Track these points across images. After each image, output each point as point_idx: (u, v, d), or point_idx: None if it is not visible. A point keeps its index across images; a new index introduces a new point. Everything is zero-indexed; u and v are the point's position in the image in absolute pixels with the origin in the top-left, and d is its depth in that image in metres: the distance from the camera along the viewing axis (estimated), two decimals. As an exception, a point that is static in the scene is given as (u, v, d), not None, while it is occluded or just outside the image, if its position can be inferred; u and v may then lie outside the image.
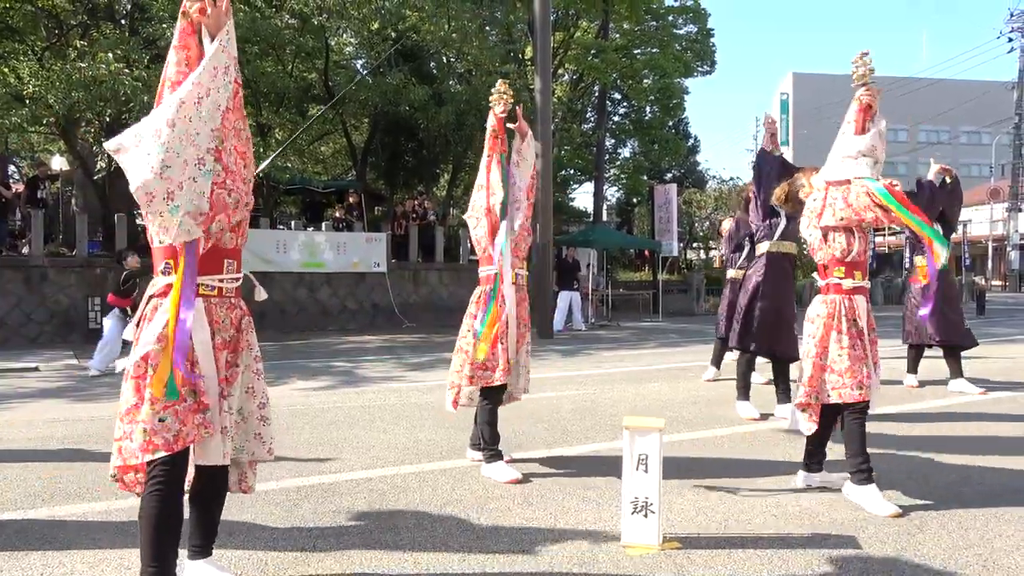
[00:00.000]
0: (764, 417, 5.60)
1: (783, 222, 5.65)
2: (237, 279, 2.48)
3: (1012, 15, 31.67)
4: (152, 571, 2.29)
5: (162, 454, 2.25)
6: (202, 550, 2.61)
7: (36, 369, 9.13)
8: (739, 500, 3.69)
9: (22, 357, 10.06)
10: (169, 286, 2.31)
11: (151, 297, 2.37)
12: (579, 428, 5.36)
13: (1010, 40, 32.50)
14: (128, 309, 8.67)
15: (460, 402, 4.20)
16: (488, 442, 4.12)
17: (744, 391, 5.86)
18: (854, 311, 3.68)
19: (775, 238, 5.69)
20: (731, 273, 7.44)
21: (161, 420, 2.25)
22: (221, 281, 2.40)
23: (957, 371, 6.97)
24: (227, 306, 2.44)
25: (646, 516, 3.05)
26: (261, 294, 2.66)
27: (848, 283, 3.70)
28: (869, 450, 3.63)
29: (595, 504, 3.61)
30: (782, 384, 5.77)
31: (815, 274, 3.97)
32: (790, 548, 3.05)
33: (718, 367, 7.74)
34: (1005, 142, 37.05)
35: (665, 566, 2.87)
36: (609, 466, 4.14)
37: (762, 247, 5.82)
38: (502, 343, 4.09)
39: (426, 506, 3.61)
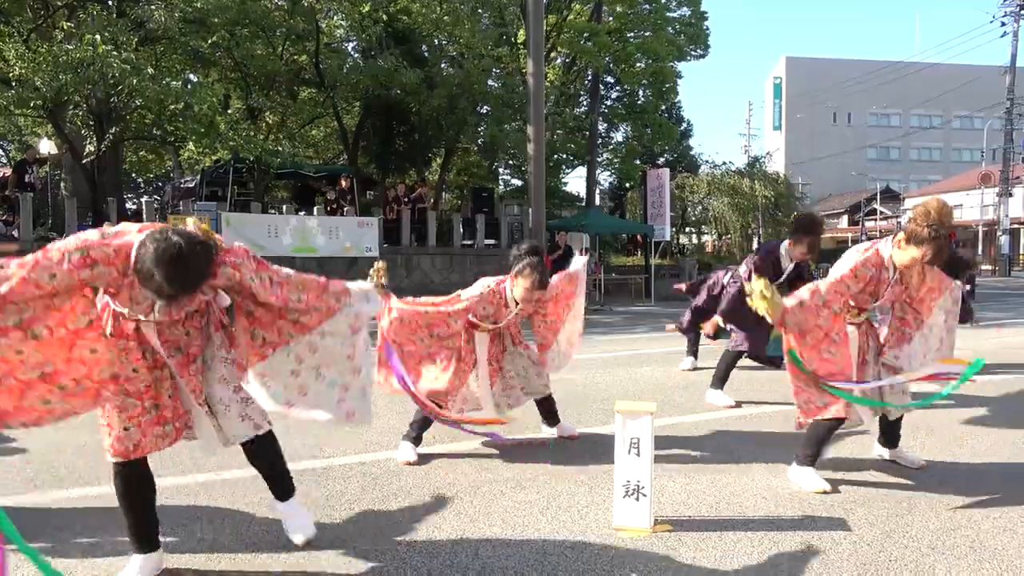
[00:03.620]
0: (738, 404, 5.61)
1: (782, 277, 5.54)
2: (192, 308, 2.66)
3: (1005, -1, 31.61)
4: (132, 529, 2.61)
5: (120, 460, 2.51)
6: (281, 495, 2.93)
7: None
8: (730, 483, 3.71)
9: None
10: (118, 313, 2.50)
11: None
12: (571, 412, 5.37)
13: (1003, 24, 32.44)
14: None
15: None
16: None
17: (721, 382, 5.79)
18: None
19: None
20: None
21: (126, 429, 2.49)
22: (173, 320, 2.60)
23: None
24: (180, 323, 2.61)
25: (638, 499, 3.07)
26: (224, 300, 2.76)
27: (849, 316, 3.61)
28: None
29: (587, 488, 3.63)
30: None
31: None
32: (781, 530, 3.08)
33: (695, 356, 7.60)
34: (997, 127, 37.13)
35: (656, 549, 2.89)
36: (601, 450, 4.16)
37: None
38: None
39: (419, 490, 3.62)
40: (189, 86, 14.70)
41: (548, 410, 4.59)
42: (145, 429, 2.52)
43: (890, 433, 3.99)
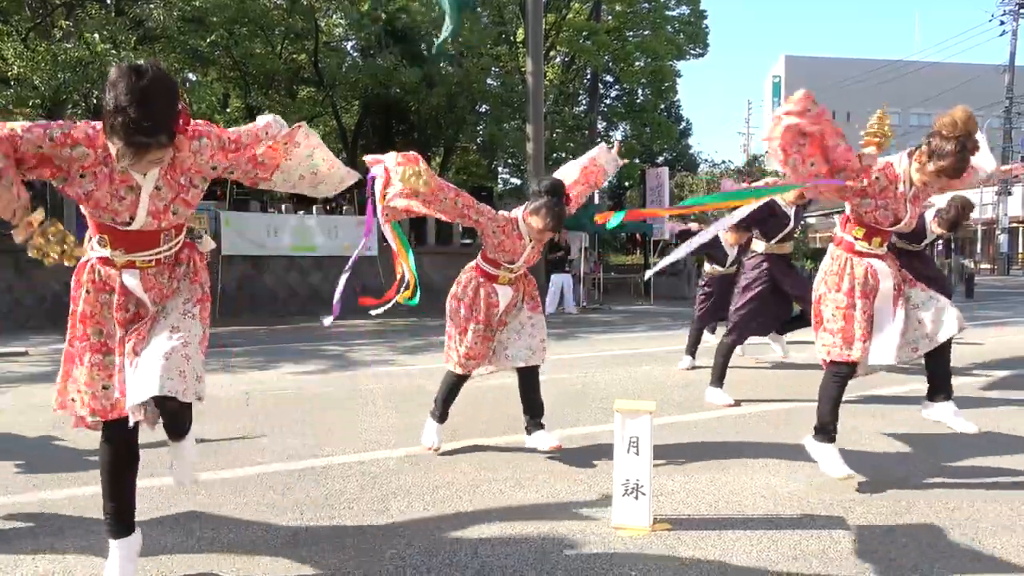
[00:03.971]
0: (737, 403, 5.61)
1: (791, 223, 5.69)
2: (176, 243, 2.54)
3: (1004, -2, 31.64)
4: (111, 507, 2.52)
5: (100, 421, 2.45)
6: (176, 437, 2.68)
7: (25, 354, 9.07)
8: (729, 482, 3.71)
9: (10, 342, 9.99)
10: (103, 259, 2.49)
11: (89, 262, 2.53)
12: (570, 411, 5.37)
13: (1002, 23, 32.50)
14: None
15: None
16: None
17: (720, 380, 5.78)
18: (865, 274, 3.44)
19: (776, 240, 5.76)
20: (709, 268, 7.39)
21: (104, 388, 2.43)
22: (158, 253, 2.47)
23: None
24: (167, 269, 2.53)
25: (637, 498, 3.07)
26: (208, 244, 2.75)
27: (861, 245, 3.46)
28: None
29: (586, 486, 3.63)
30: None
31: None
32: (780, 529, 3.08)
33: (694, 356, 7.56)
34: (995, 125, 37.15)
35: (656, 548, 2.90)
36: (600, 449, 4.16)
37: (758, 247, 5.86)
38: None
39: (418, 489, 3.62)
40: (188, 85, 14.69)
41: (532, 405, 4.16)
42: (122, 387, 2.40)
43: (939, 378, 3.57)
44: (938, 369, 3.58)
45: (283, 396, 6.13)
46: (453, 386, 4.25)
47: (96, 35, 12.26)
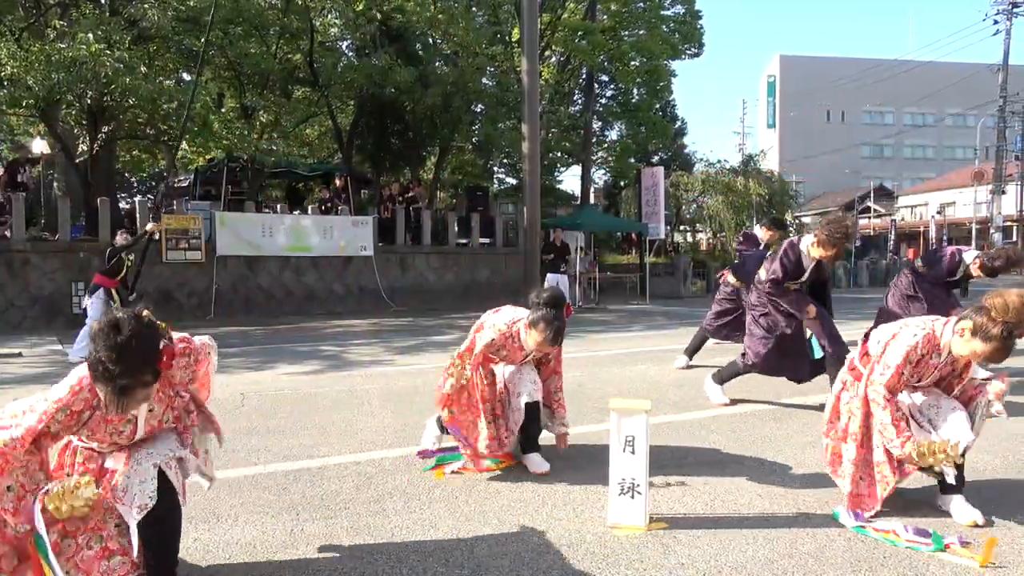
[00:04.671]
0: (733, 403, 5.62)
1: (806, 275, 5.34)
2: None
3: (998, -2, 31.73)
4: None
5: None
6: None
7: (19, 355, 9.04)
8: (725, 481, 3.72)
9: (5, 343, 9.96)
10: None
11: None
12: (567, 410, 5.37)
13: (995, 23, 32.58)
14: (113, 291, 8.58)
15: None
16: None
17: (723, 381, 5.69)
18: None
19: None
20: (733, 280, 7.18)
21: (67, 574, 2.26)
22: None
23: None
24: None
25: (633, 497, 3.07)
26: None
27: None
28: None
29: (582, 486, 3.63)
30: None
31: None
32: (775, 527, 3.09)
33: (691, 357, 7.49)
34: (990, 124, 37.28)
35: (652, 546, 2.90)
36: (596, 448, 4.16)
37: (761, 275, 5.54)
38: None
39: (414, 489, 3.62)
40: (182, 85, 14.64)
41: (531, 433, 4.04)
42: (87, 566, 2.29)
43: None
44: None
45: (279, 397, 6.12)
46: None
47: (90, 35, 12.20)
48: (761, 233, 7.34)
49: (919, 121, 64.82)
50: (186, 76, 17.70)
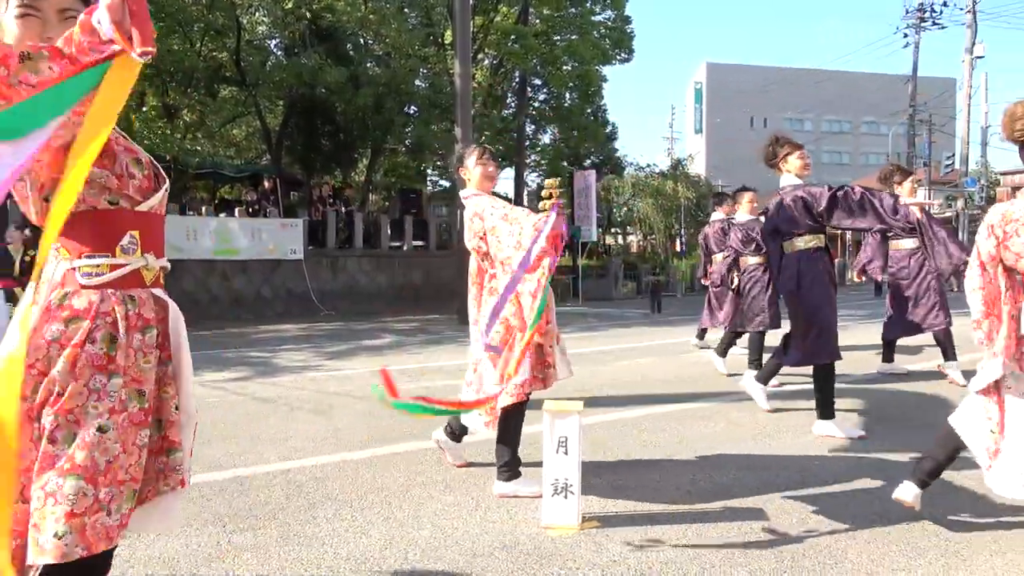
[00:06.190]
0: (666, 402, 5.75)
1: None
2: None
3: (907, 12, 33.31)
4: None
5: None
6: None
7: None
8: (655, 478, 3.79)
9: None
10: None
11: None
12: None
13: (905, 36, 34.22)
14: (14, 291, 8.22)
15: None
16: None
17: (766, 380, 5.35)
18: None
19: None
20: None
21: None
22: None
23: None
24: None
25: (566, 497, 3.10)
26: None
27: None
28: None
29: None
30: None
31: None
32: (704, 522, 3.16)
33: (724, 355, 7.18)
34: (901, 132, 39.18)
35: (585, 545, 2.93)
36: (530, 449, 4.18)
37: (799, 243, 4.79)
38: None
39: (346, 496, 3.56)
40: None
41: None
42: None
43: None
44: None
45: (204, 405, 5.92)
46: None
47: None
48: (719, 213, 7.72)
49: (836, 128, 67.71)
50: (104, 72, 16.98)
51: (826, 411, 4.68)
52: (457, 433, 3.95)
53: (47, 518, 1.48)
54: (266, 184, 17.40)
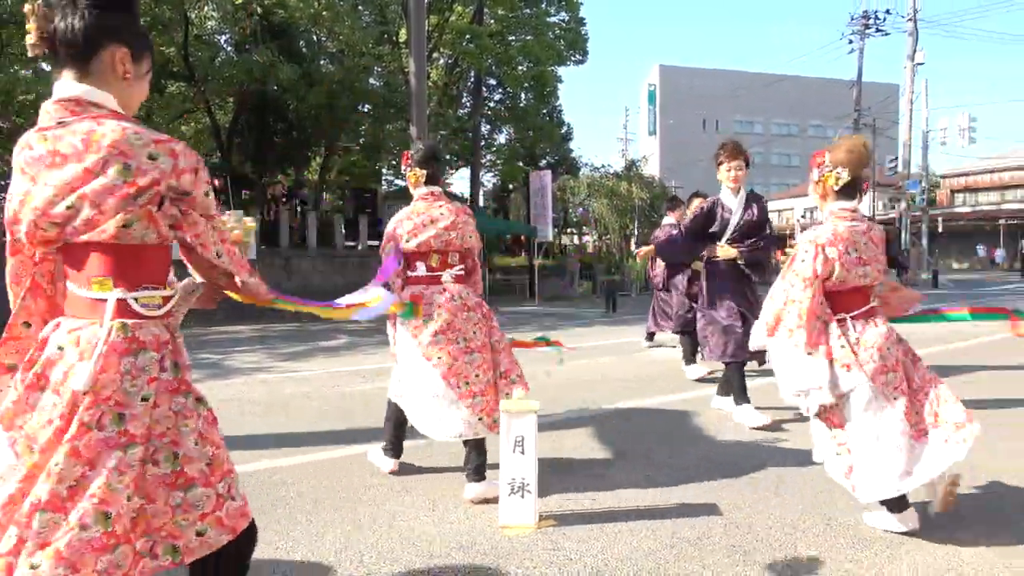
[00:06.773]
0: (618, 400, 5.82)
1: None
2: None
3: (852, 18, 34.23)
4: None
5: None
6: None
7: None
8: (610, 476, 3.83)
9: None
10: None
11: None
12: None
13: (851, 42, 35.14)
14: None
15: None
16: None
17: (743, 396, 5.12)
18: None
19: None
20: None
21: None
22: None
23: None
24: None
25: (523, 497, 3.11)
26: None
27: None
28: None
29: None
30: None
31: None
32: (657, 519, 3.21)
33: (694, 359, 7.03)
34: (846, 135, 40.22)
35: (541, 544, 2.94)
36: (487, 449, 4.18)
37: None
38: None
39: (301, 499, 3.51)
40: (41, 75, 13.59)
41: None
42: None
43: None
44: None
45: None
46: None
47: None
48: (671, 218, 7.71)
49: (785, 131, 69.33)
50: (45, 66, 16.41)
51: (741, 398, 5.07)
52: (396, 451, 3.92)
53: (183, 527, 1.69)
54: (216, 183, 17.03)
